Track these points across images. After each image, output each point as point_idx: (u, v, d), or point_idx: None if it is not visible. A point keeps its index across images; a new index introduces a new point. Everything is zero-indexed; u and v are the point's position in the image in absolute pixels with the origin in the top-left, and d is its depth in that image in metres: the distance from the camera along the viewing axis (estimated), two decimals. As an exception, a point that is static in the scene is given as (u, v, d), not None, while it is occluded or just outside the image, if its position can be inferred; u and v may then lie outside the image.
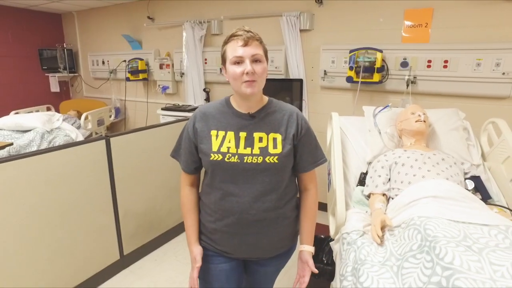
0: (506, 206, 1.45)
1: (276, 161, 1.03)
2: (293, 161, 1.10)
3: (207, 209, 1.14)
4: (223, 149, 1.04)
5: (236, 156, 1.03)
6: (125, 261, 2.25)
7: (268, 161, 1.03)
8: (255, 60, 0.99)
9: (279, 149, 1.04)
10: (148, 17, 3.75)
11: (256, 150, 1.04)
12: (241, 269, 1.23)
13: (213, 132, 1.07)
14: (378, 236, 1.23)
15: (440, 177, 1.43)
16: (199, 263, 1.11)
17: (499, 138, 1.67)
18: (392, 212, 1.37)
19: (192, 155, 1.13)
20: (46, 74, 4.64)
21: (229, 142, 1.05)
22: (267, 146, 1.04)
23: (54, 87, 4.68)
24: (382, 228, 1.28)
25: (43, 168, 1.72)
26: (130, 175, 2.19)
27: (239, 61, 0.98)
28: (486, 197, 1.49)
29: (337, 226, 1.41)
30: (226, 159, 1.03)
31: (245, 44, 0.98)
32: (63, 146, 1.82)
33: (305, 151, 1.11)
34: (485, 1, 2.11)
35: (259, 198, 1.05)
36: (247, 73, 0.97)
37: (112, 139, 2.02)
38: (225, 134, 1.06)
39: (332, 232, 1.50)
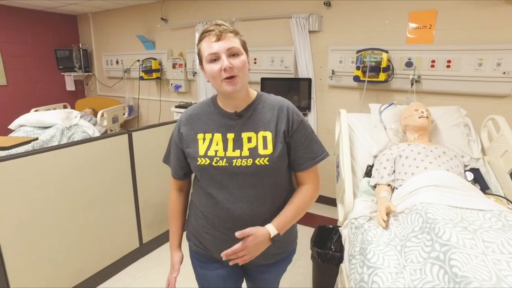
0: (503, 196, 1.56)
1: (267, 162, 0.96)
2: (287, 160, 1.03)
3: (197, 211, 1.09)
4: (211, 152, 0.98)
5: (224, 160, 0.97)
6: (144, 249, 2.39)
7: (258, 163, 0.96)
8: (231, 54, 0.92)
9: (269, 150, 0.97)
10: (162, 18, 3.90)
11: (245, 152, 0.97)
12: (238, 274, 1.19)
13: (200, 136, 1.01)
14: (384, 221, 1.35)
15: (441, 169, 1.55)
16: (175, 273, 1.11)
17: (498, 134, 1.78)
18: (396, 200, 1.49)
19: (179, 160, 1.09)
20: (62, 74, 4.82)
21: (217, 145, 0.99)
22: (256, 147, 0.97)
23: (70, 86, 4.86)
24: (387, 214, 1.40)
25: (73, 159, 1.86)
26: (149, 167, 2.33)
27: (215, 58, 0.92)
28: (484, 188, 1.60)
29: (346, 212, 1.53)
30: (213, 163, 0.97)
31: (219, 38, 0.91)
32: (91, 140, 1.97)
33: (299, 148, 1.02)
34: (486, 4, 2.21)
35: (252, 203, 0.98)
36: (224, 69, 0.90)
37: (134, 134, 2.17)
38: (212, 136, 1.00)
39: (341, 219, 1.62)
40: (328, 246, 2.00)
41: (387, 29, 2.60)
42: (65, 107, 4.55)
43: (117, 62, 4.53)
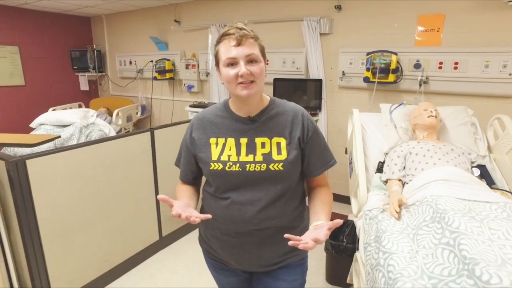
0: (508, 190, 1.66)
1: (281, 168, 0.97)
2: (300, 166, 1.03)
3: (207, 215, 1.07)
4: (224, 157, 0.98)
5: (238, 165, 0.97)
6: (163, 241, 2.52)
7: (272, 169, 0.96)
8: (250, 60, 0.92)
9: (283, 155, 0.97)
10: (175, 20, 4.02)
11: (258, 157, 0.97)
12: (248, 283, 1.19)
13: (212, 140, 1.01)
14: (396, 212, 1.46)
15: (449, 165, 1.65)
16: (171, 199, 0.90)
17: (503, 132, 1.88)
18: (407, 193, 1.59)
19: (190, 164, 1.09)
20: (76, 74, 4.96)
21: (230, 149, 0.99)
22: (270, 152, 0.98)
23: (84, 86, 5.00)
24: (399, 206, 1.50)
25: (100, 156, 1.98)
26: (170, 164, 2.42)
27: (232, 63, 0.91)
28: (490, 183, 1.70)
29: (360, 205, 1.64)
30: (227, 168, 0.97)
31: (239, 43, 0.90)
32: (117, 137, 2.11)
33: (314, 154, 1.04)
34: (493, 8, 2.30)
35: (263, 207, 0.98)
36: (241, 75, 0.90)
37: (156, 131, 2.29)
38: (225, 141, 1.00)
39: (354, 211, 1.73)
40: (341, 239, 2.10)
41: (396, 32, 2.70)
42: (80, 106, 4.68)
43: (130, 62, 4.66)
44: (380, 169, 1.90)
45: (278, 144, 0.98)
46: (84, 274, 1.97)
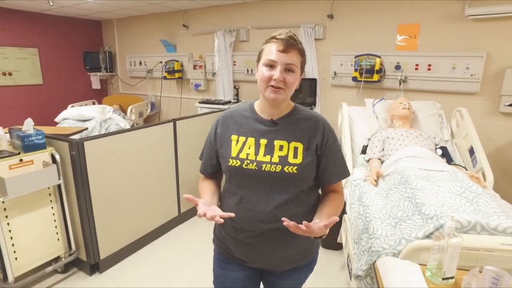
0: (463, 165, 2.11)
1: (295, 171, 1.00)
2: (315, 172, 1.06)
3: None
4: (242, 155, 1.03)
5: (255, 163, 1.01)
6: (181, 217, 2.93)
7: (286, 171, 1.00)
8: (288, 69, 0.97)
9: (299, 159, 1.01)
10: (183, 25, 4.42)
11: (275, 159, 1.01)
12: (257, 279, 1.22)
13: (234, 137, 1.06)
14: (375, 181, 1.90)
15: (417, 146, 2.10)
16: (196, 198, 0.96)
17: (462, 121, 2.33)
18: (384, 168, 2.04)
19: (211, 158, 1.14)
20: (88, 73, 5.33)
21: (249, 148, 1.03)
22: (287, 155, 1.01)
23: (95, 85, 5.37)
24: (377, 177, 1.95)
25: (135, 141, 2.38)
26: (188, 150, 2.86)
27: (271, 65, 0.96)
28: (449, 160, 2.16)
29: (347, 179, 2.07)
30: (244, 165, 1.02)
31: (284, 50, 0.95)
32: (147, 126, 2.51)
33: (329, 163, 1.06)
34: (457, 21, 2.76)
35: (276, 208, 1.02)
36: (274, 79, 0.96)
37: (177, 122, 2.70)
38: (246, 140, 1.04)
39: (343, 184, 2.17)
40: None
41: (380, 38, 3.14)
42: (93, 103, 5.07)
43: (140, 63, 5.05)
44: (364, 151, 2.35)
45: (296, 148, 1.02)
46: (122, 238, 2.38)
